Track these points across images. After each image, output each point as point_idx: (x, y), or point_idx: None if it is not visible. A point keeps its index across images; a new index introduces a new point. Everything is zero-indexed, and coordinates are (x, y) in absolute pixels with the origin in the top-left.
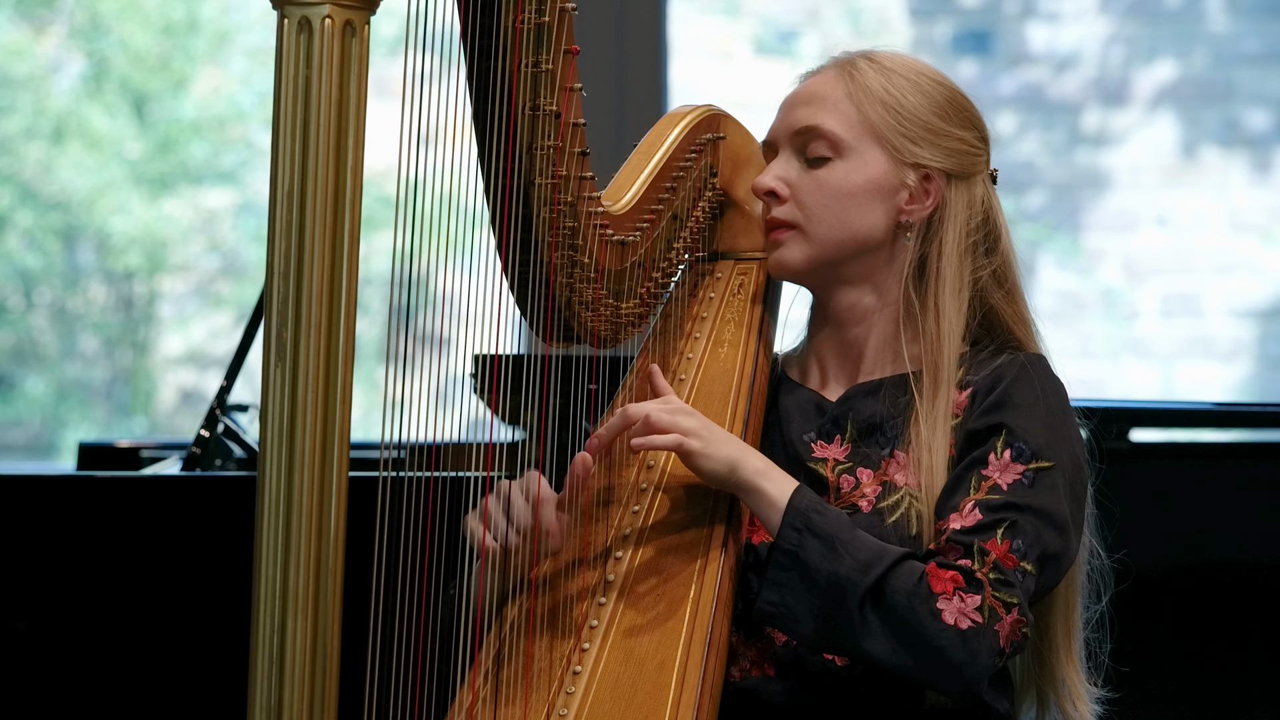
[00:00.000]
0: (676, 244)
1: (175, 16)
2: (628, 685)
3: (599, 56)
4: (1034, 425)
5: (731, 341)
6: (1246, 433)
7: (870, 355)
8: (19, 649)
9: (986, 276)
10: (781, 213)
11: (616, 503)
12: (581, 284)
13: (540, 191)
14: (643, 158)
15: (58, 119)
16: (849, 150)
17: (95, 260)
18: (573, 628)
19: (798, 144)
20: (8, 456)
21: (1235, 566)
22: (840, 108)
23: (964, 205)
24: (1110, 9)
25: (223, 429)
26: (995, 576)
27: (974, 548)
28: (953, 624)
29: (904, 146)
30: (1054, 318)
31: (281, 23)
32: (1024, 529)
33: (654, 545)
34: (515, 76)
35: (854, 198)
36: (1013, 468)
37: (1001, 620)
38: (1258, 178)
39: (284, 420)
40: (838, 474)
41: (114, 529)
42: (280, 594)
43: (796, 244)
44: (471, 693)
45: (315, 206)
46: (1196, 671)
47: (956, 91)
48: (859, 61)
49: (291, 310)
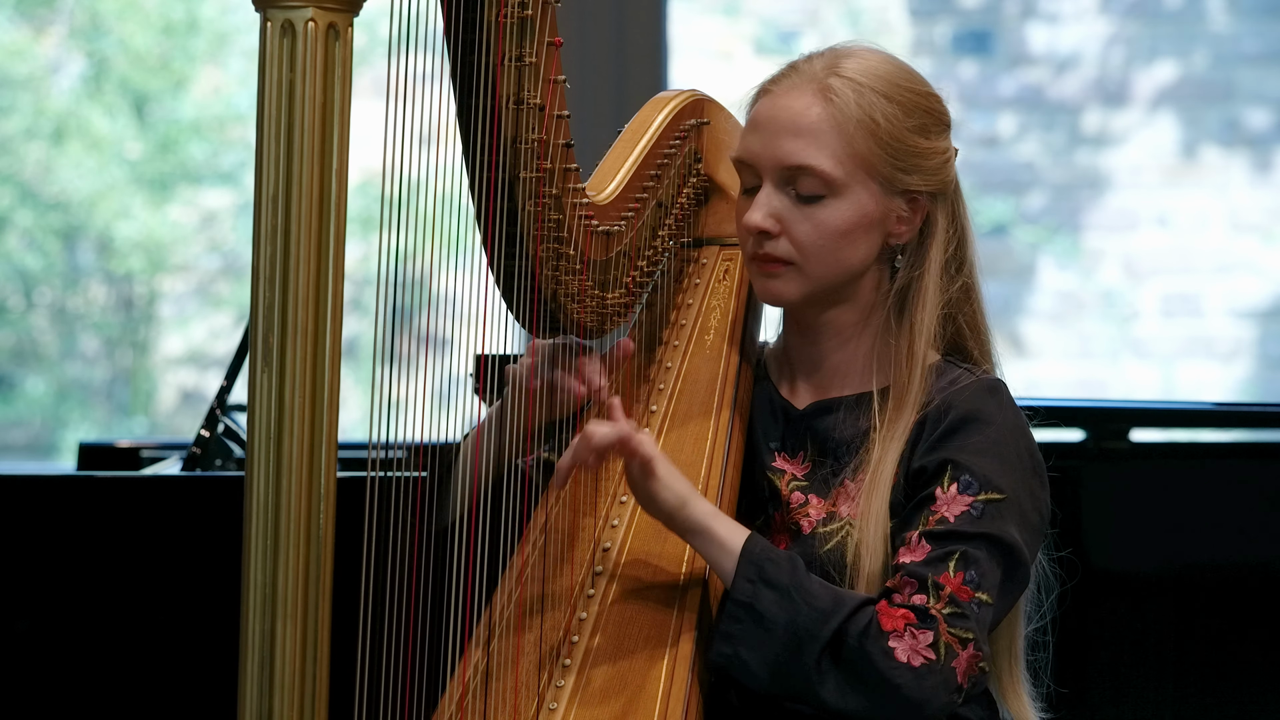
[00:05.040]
0: (662, 231)
1: (175, 17)
2: (618, 677)
3: (599, 57)
4: (981, 458)
5: (717, 329)
6: (1246, 433)
7: (841, 370)
8: (19, 649)
9: (957, 292)
10: (777, 250)
11: (604, 496)
12: (567, 276)
13: (525, 185)
14: (627, 145)
15: (58, 119)
16: (843, 188)
17: (95, 260)
18: (562, 621)
19: (786, 177)
20: (8, 456)
21: (1235, 566)
22: (829, 143)
23: (945, 219)
24: (1110, 9)
25: (223, 429)
26: (950, 611)
27: (928, 582)
28: (906, 662)
29: (895, 177)
30: (1054, 318)
31: (264, 26)
32: (975, 559)
33: (642, 536)
34: (499, 70)
35: (850, 235)
36: (960, 499)
37: (958, 656)
38: (1258, 178)
39: (271, 424)
40: (790, 489)
41: (114, 529)
42: (269, 599)
43: (792, 280)
44: (461, 685)
45: (300, 210)
46: (1196, 672)
47: (921, 87)
48: (832, 82)
49: (278, 314)
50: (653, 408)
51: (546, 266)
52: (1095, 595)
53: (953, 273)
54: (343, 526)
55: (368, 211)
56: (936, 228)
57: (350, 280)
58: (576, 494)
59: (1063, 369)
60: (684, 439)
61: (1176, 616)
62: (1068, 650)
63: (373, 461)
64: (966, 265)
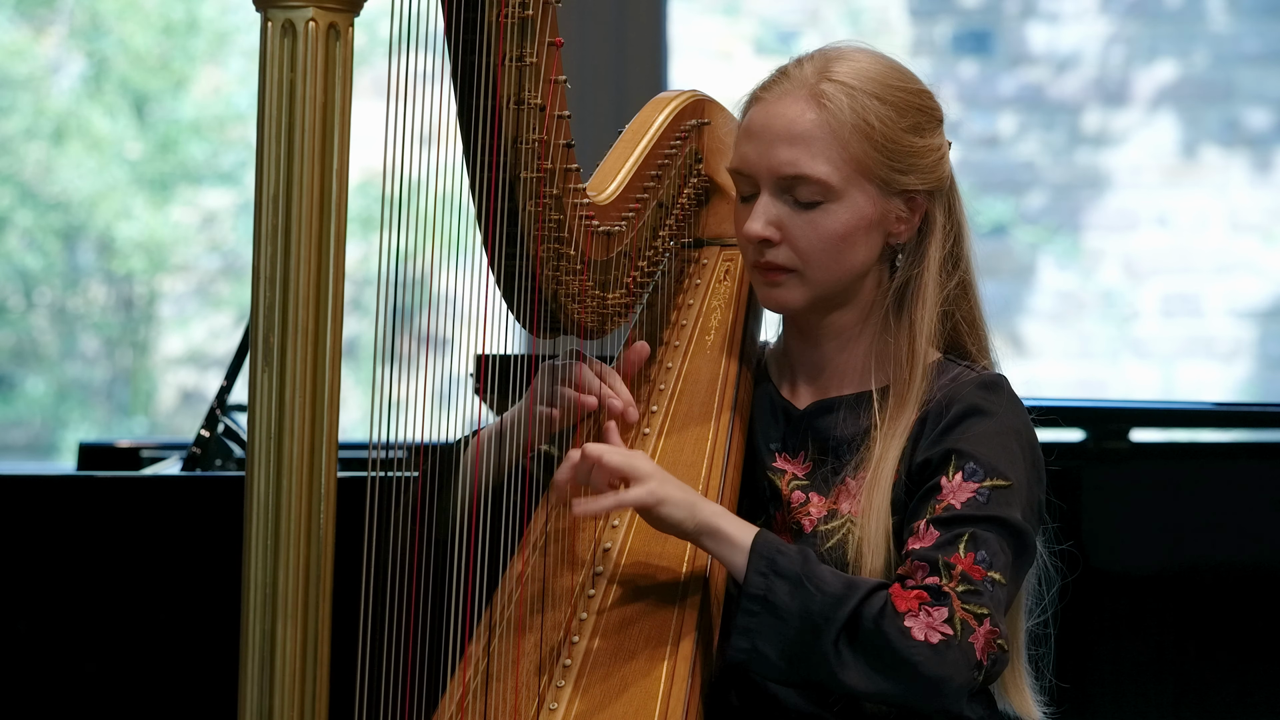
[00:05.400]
0: (662, 232)
1: (175, 17)
2: (618, 677)
3: (599, 57)
4: (985, 446)
5: (718, 330)
6: (1246, 433)
7: (840, 369)
8: (19, 649)
9: (955, 288)
10: (779, 258)
11: None
12: (567, 276)
13: (526, 185)
14: (628, 145)
15: (58, 119)
16: (841, 193)
17: (96, 260)
18: (562, 621)
19: (784, 185)
20: (8, 456)
21: (1235, 567)
22: (825, 149)
23: (943, 216)
24: (1110, 9)
25: (223, 429)
26: (963, 589)
27: (938, 563)
28: (923, 639)
29: (892, 179)
30: (1054, 318)
31: (265, 26)
32: (985, 540)
33: (642, 537)
34: (499, 71)
35: (850, 238)
36: (966, 486)
37: (975, 632)
38: (1258, 178)
39: (271, 425)
40: (791, 489)
41: (114, 529)
42: (269, 599)
43: (796, 287)
44: (462, 685)
45: (301, 210)
46: (1196, 672)
47: (912, 85)
48: (825, 88)
49: (278, 314)
50: (653, 408)
51: (547, 267)
52: (1095, 595)
53: (950, 269)
54: (343, 526)
55: (368, 211)
56: (934, 225)
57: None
58: (577, 495)
59: (1063, 369)
60: (684, 440)
61: (1176, 617)
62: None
63: (373, 461)
64: (963, 261)
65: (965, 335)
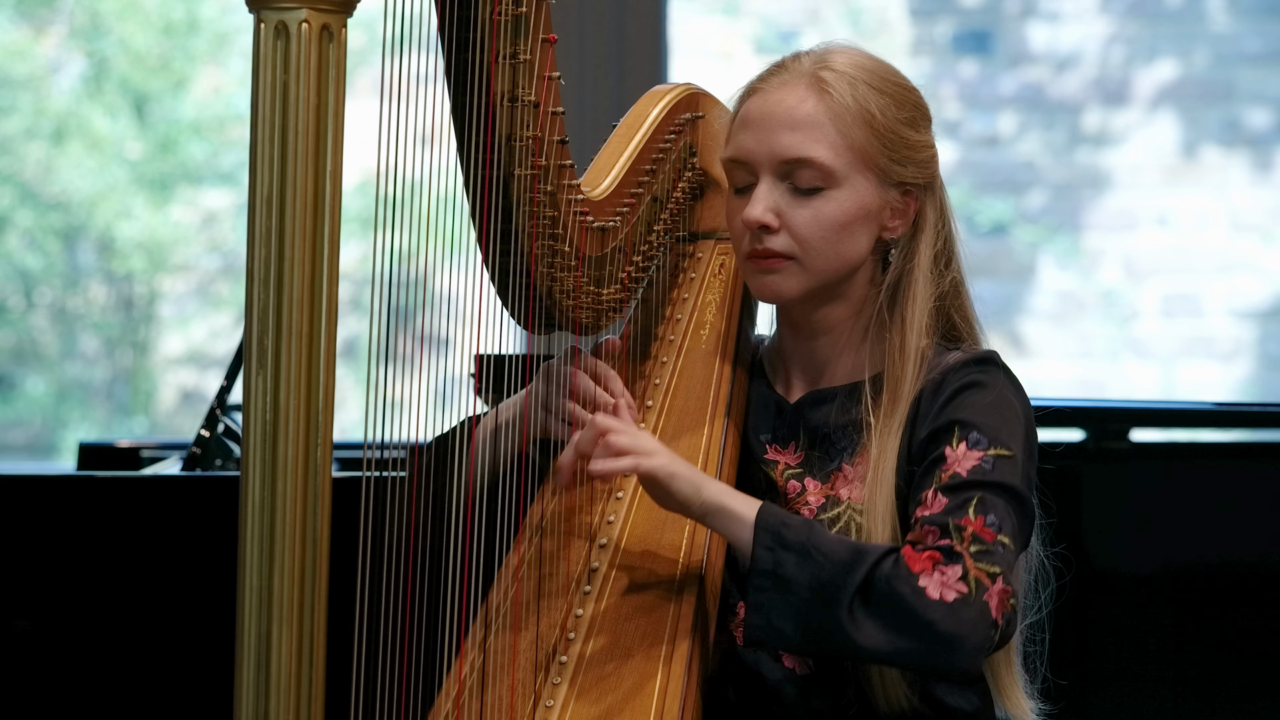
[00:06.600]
0: (657, 226)
1: (175, 17)
2: (615, 673)
3: (599, 56)
4: (985, 416)
5: (713, 325)
6: (1246, 433)
7: (833, 364)
8: (19, 649)
9: (948, 286)
10: (778, 245)
11: (600, 492)
12: (562, 272)
13: (520, 182)
14: (621, 140)
15: (58, 119)
16: (841, 179)
17: (96, 260)
18: (558, 619)
19: (783, 171)
20: (8, 456)
21: (1235, 566)
22: (827, 135)
23: (934, 213)
24: (1110, 9)
25: (223, 429)
26: (976, 549)
27: (949, 526)
28: (939, 597)
29: (890, 169)
30: (1054, 318)
31: (258, 27)
32: (994, 504)
33: (638, 533)
34: (493, 68)
35: (849, 226)
36: (971, 454)
37: (988, 590)
38: (1258, 178)
39: (266, 426)
40: (786, 479)
41: (114, 529)
42: (265, 601)
43: (793, 275)
44: (458, 683)
45: (294, 212)
46: (1196, 672)
47: (906, 82)
48: (825, 75)
49: (272, 316)
50: (649, 403)
51: (542, 263)
52: (1095, 595)
53: (943, 268)
54: (339, 527)
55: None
56: (926, 221)
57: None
58: (572, 490)
59: (1063, 369)
60: (680, 434)
61: (1176, 617)
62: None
63: (369, 462)
64: (954, 261)
65: (958, 331)
